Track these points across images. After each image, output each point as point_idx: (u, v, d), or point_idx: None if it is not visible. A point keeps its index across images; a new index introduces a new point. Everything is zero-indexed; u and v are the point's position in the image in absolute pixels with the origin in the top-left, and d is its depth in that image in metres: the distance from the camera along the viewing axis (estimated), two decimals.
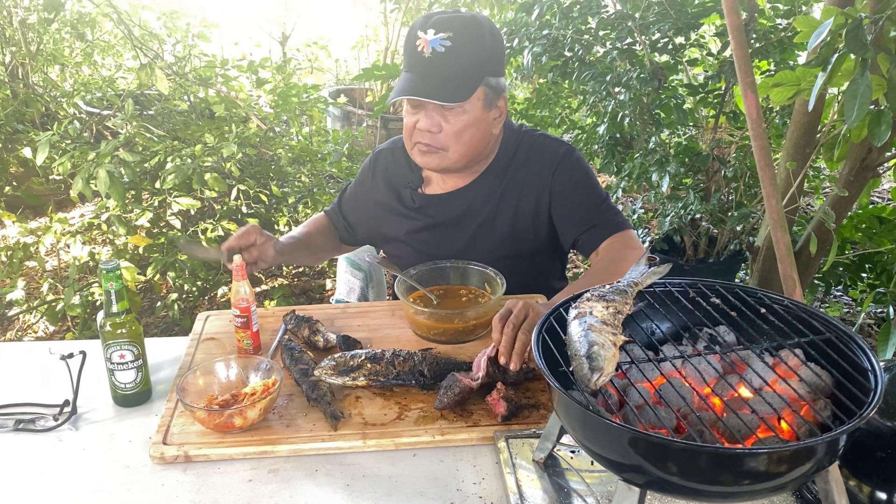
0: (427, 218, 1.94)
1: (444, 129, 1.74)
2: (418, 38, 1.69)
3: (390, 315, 1.81)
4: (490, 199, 1.88)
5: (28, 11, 4.60)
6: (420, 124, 1.75)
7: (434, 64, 1.67)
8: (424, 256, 1.87)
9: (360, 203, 2.06)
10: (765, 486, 0.91)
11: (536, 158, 1.88)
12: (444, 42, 1.66)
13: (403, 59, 1.76)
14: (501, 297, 1.68)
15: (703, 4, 3.11)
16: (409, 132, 1.79)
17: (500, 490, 1.21)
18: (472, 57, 1.69)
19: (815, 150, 2.52)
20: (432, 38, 1.66)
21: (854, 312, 3.69)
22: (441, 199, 1.92)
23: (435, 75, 1.68)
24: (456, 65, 1.67)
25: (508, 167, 1.89)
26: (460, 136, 1.75)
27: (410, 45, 1.71)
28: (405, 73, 1.74)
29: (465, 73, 1.69)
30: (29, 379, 1.57)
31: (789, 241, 1.53)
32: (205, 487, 1.23)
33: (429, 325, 1.66)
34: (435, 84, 1.68)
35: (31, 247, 3.48)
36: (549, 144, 1.90)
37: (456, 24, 1.67)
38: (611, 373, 1.00)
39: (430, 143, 1.76)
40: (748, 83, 1.46)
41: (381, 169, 2.02)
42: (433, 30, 1.67)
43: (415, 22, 1.73)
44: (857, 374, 1.00)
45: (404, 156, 1.95)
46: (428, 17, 1.70)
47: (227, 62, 4.14)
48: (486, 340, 1.62)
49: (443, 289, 1.82)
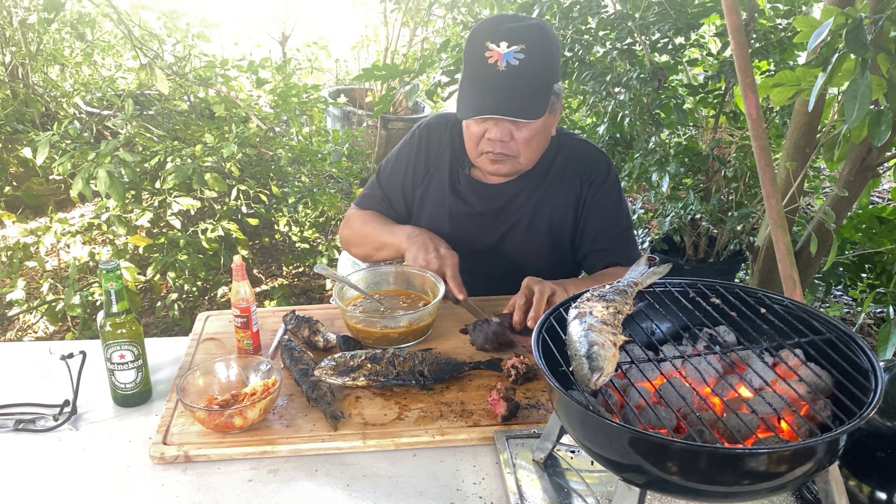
0: (468, 206, 1.94)
1: (515, 138, 1.74)
2: (488, 50, 1.66)
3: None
4: (530, 199, 1.91)
5: (28, 11, 4.60)
6: (491, 135, 1.74)
7: (509, 78, 1.65)
8: (458, 243, 1.85)
9: (403, 176, 2.01)
10: (765, 486, 0.91)
11: (577, 165, 1.91)
12: (517, 55, 1.64)
13: (468, 69, 1.74)
14: (440, 301, 1.66)
15: (703, 4, 3.11)
16: (476, 141, 1.78)
17: (500, 490, 1.21)
18: (544, 68, 1.69)
19: (815, 150, 2.52)
20: (506, 51, 1.65)
21: (854, 312, 3.69)
22: (485, 188, 1.93)
23: (510, 90, 1.66)
24: (531, 78, 1.67)
25: (550, 168, 1.91)
26: (530, 143, 1.76)
27: (478, 56, 1.68)
28: (474, 86, 1.72)
29: (539, 87, 1.69)
30: (29, 379, 1.57)
31: (789, 241, 1.53)
32: (205, 487, 1.23)
33: (369, 331, 1.62)
34: (513, 99, 1.67)
35: (31, 247, 3.48)
36: (591, 153, 1.94)
37: (526, 35, 1.66)
38: (611, 373, 1.00)
39: (502, 151, 1.76)
40: (748, 83, 1.46)
41: (434, 141, 1.98)
42: (506, 42, 1.65)
43: (478, 30, 1.71)
44: (857, 374, 1.00)
45: (458, 132, 1.93)
46: (496, 27, 1.68)
47: (227, 62, 4.13)
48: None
49: (383, 293, 1.81)
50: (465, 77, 1.76)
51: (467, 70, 1.75)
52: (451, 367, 1.50)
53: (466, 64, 1.75)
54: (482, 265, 1.91)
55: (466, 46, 1.73)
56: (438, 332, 1.71)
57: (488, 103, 1.69)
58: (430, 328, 1.69)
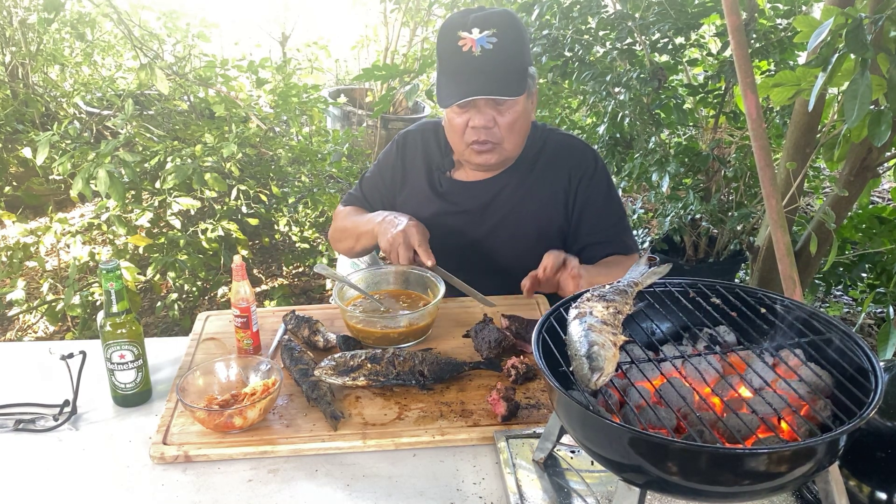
0: (452, 204, 1.95)
1: (499, 123, 1.77)
2: (461, 39, 1.70)
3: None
4: (516, 192, 1.91)
5: (28, 11, 4.60)
6: (474, 122, 1.76)
7: (485, 61, 1.69)
8: (445, 241, 1.87)
9: (384, 184, 2.05)
10: (765, 486, 0.91)
11: (565, 159, 1.92)
12: (490, 39, 1.68)
13: (442, 63, 1.77)
14: (440, 301, 1.66)
15: (703, 4, 3.10)
16: (460, 132, 1.80)
17: (500, 490, 1.21)
18: (517, 49, 1.73)
19: (815, 150, 2.52)
20: (479, 36, 1.69)
21: (854, 312, 3.69)
22: (468, 186, 1.95)
23: (488, 73, 1.70)
24: (506, 60, 1.71)
25: (535, 162, 1.92)
26: (513, 127, 1.78)
27: (452, 46, 1.72)
28: (450, 77, 1.75)
29: (515, 66, 1.73)
30: (29, 379, 1.57)
31: (789, 241, 1.53)
32: (205, 487, 1.23)
33: (370, 331, 1.62)
34: (491, 81, 1.70)
35: (31, 247, 3.48)
36: (577, 148, 1.95)
37: (496, 20, 1.70)
38: (611, 373, 1.00)
39: (487, 138, 1.78)
40: (748, 83, 1.46)
41: (409, 149, 2.02)
42: (477, 28, 1.69)
43: (448, 24, 1.75)
44: (857, 374, 1.00)
45: (434, 138, 1.98)
46: (464, 17, 1.72)
47: (227, 62, 4.13)
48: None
49: (383, 293, 1.81)
50: (440, 71, 1.78)
51: (442, 63, 1.77)
52: (451, 367, 1.50)
53: (440, 58, 1.77)
54: (470, 261, 1.92)
55: (438, 42, 1.77)
56: (438, 332, 1.71)
57: (469, 87, 1.70)
58: (430, 328, 1.69)
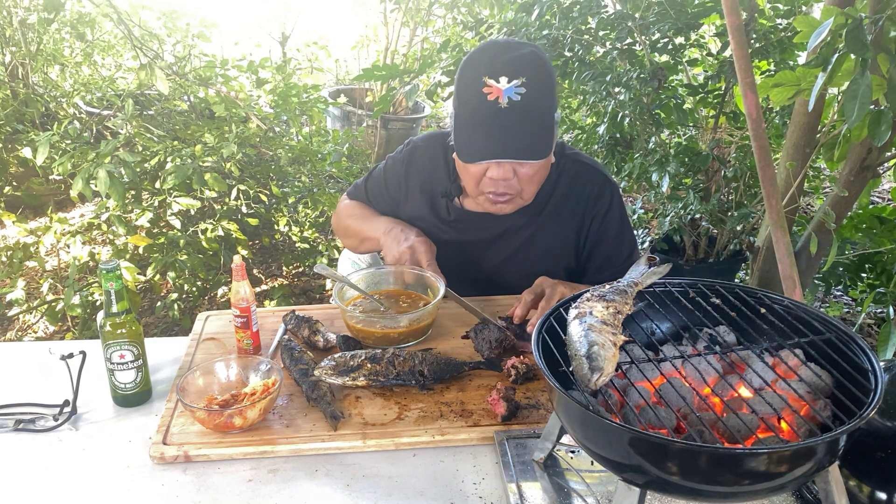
0: (459, 233, 1.87)
1: (518, 174, 1.65)
2: (486, 86, 1.56)
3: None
4: (529, 225, 1.83)
5: (28, 11, 4.60)
6: (492, 174, 1.64)
7: (513, 116, 1.56)
8: (449, 271, 1.76)
9: (388, 192, 1.97)
10: (765, 486, 0.91)
11: (578, 197, 1.83)
12: (518, 90, 1.55)
13: (465, 109, 1.63)
14: (440, 301, 1.65)
15: (703, 4, 3.11)
16: (476, 181, 1.68)
17: (500, 490, 1.21)
18: (547, 101, 1.61)
19: (815, 150, 2.52)
20: (507, 86, 1.55)
21: (854, 312, 3.69)
22: (479, 216, 1.84)
23: (516, 129, 1.57)
24: (534, 113, 1.58)
25: (551, 194, 1.83)
26: (533, 179, 1.68)
27: (476, 93, 1.58)
28: (475, 127, 1.61)
29: (544, 121, 1.61)
30: (29, 379, 1.57)
31: (789, 241, 1.53)
32: (205, 487, 1.23)
33: (371, 331, 1.63)
34: (519, 138, 1.57)
35: (31, 247, 3.48)
36: (593, 182, 1.84)
37: (526, 67, 1.57)
38: (611, 373, 1.00)
39: (505, 191, 1.67)
40: (748, 83, 1.46)
41: (415, 167, 1.92)
42: (505, 77, 1.56)
43: (473, 65, 1.61)
44: (857, 374, 1.00)
45: (442, 157, 1.87)
46: (492, 60, 1.58)
47: (227, 62, 4.13)
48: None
49: (383, 293, 1.81)
50: (462, 117, 1.64)
51: (464, 109, 1.63)
52: (451, 367, 1.50)
53: (462, 103, 1.63)
54: (475, 289, 1.86)
55: (460, 82, 1.63)
56: (438, 332, 1.71)
57: (493, 146, 1.58)
58: (430, 328, 1.69)
